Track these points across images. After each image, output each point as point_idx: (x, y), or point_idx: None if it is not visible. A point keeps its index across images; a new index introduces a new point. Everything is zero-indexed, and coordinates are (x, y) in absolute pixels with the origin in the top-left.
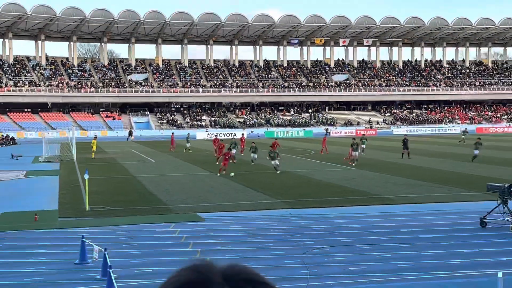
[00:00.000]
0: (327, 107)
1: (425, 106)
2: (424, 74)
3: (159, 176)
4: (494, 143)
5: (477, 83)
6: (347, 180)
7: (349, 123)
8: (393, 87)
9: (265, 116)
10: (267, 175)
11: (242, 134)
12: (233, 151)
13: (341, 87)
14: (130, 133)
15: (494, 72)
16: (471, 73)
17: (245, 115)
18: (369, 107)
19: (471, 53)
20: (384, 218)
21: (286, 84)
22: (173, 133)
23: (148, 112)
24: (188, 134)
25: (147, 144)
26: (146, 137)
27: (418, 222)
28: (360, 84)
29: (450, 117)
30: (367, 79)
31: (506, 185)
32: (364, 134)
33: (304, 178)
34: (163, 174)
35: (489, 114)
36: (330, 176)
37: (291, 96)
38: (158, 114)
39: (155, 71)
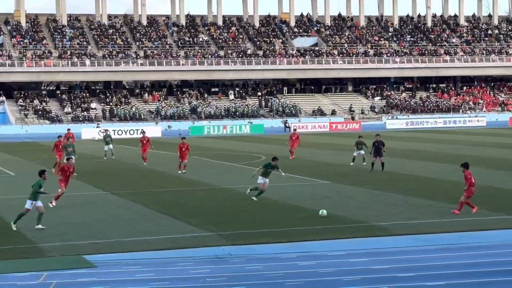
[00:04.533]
0: (285, 88)
1: (434, 85)
2: (432, 36)
3: (22, 199)
4: None
5: (511, 51)
6: (316, 199)
7: (319, 113)
8: (385, 56)
9: (190, 103)
10: (192, 194)
11: (143, 132)
12: (73, 159)
13: (307, 57)
14: None
15: None
16: (501, 35)
17: (159, 101)
18: (350, 88)
19: (502, 5)
20: (372, 257)
21: (221, 53)
22: (68, 129)
23: (3, 98)
24: (106, 130)
25: (1, 147)
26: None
27: (424, 262)
28: (336, 52)
29: (470, 102)
30: (346, 45)
31: None
32: (360, 137)
33: (249, 198)
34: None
35: None
36: (292, 194)
37: (229, 72)
38: (20, 100)
39: (14, 33)
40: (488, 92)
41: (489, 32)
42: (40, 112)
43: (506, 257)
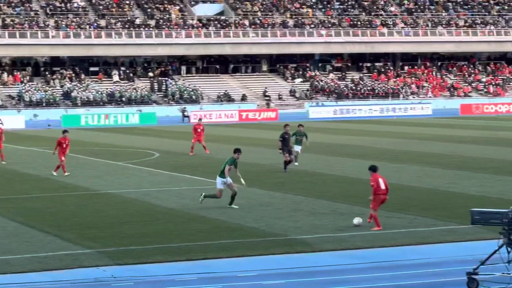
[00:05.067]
0: (183, 68)
1: (368, 64)
2: (366, 4)
3: None
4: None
5: (461, 22)
6: (222, 207)
7: (226, 98)
8: (308, 28)
9: (62, 86)
10: (65, 200)
11: None
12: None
13: (211, 28)
14: None
15: (492, 2)
16: (450, 3)
17: (22, 83)
18: (264, 67)
19: None
20: (292, 278)
21: (102, 23)
22: None
23: None
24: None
25: None
26: None
27: (356, 285)
28: (247, 22)
29: (413, 85)
30: (259, 14)
31: None
32: (301, 126)
33: (138, 206)
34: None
35: (483, 79)
36: (192, 201)
37: (113, 47)
38: None
39: None
40: (434, 73)
41: None
42: None
43: (456, 276)
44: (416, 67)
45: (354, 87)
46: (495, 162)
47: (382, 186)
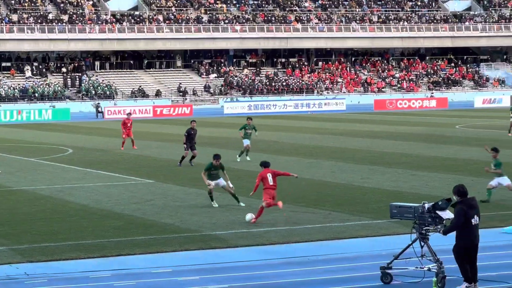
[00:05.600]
0: (97, 63)
1: (283, 60)
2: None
3: None
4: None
5: (375, 18)
6: (137, 203)
7: (140, 94)
8: (223, 24)
9: None
10: None
11: None
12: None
13: (125, 23)
14: None
15: None
16: None
17: None
18: (179, 63)
19: None
20: (207, 274)
21: (14, 17)
22: None
23: None
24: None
25: None
26: None
27: (271, 280)
28: (161, 18)
29: (327, 81)
30: (173, 9)
31: (426, 205)
32: (250, 120)
33: (51, 202)
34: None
35: (397, 75)
36: (106, 197)
37: (25, 42)
38: None
39: None
40: (348, 68)
41: None
42: None
43: (371, 270)
44: (330, 62)
45: (268, 83)
46: (409, 157)
47: (270, 182)
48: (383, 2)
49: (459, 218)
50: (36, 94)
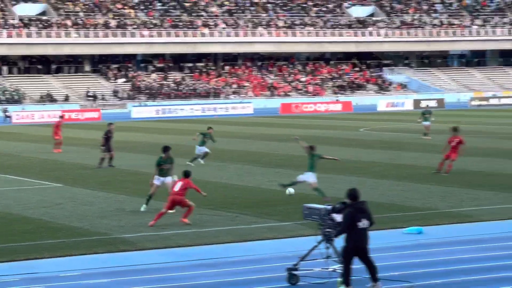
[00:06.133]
0: (5, 68)
1: (190, 64)
2: (188, 5)
3: None
4: (320, 131)
5: (281, 23)
6: (45, 207)
7: (49, 99)
8: (130, 29)
9: None
10: None
11: None
12: None
13: (32, 28)
14: None
15: (310, 3)
16: (269, 4)
17: None
18: (87, 67)
19: None
20: (116, 277)
21: None
22: None
23: None
24: None
25: None
26: None
27: (180, 282)
28: (69, 23)
29: (234, 85)
30: (81, 15)
31: (329, 207)
32: (211, 128)
33: None
34: None
35: (303, 79)
36: (13, 201)
37: None
38: None
39: None
40: (254, 72)
41: (255, 0)
42: None
43: (277, 272)
44: (237, 67)
45: (176, 87)
46: None
47: (176, 188)
48: (288, 7)
49: (346, 221)
50: None
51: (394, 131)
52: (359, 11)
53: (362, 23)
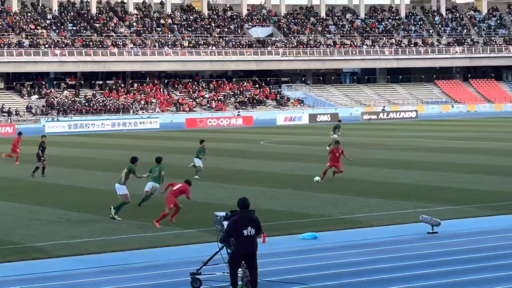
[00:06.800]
0: None
1: (101, 82)
2: (98, 25)
3: None
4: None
5: (186, 43)
6: None
7: None
8: (43, 48)
9: None
10: None
11: None
12: None
13: None
14: None
15: (213, 25)
16: (175, 25)
17: None
18: (1, 85)
19: None
20: (27, 285)
21: None
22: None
23: None
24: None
25: None
26: None
27: (88, 287)
28: None
29: (142, 101)
30: None
31: (228, 214)
32: (204, 141)
33: None
34: None
35: (207, 95)
36: None
37: None
38: None
39: None
40: (161, 90)
41: (162, 21)
42: None
43: (182, 276)
44: (145, 84)
45: (87, 103)
46: (219, 171)
47: (175, 188)
48: (193, 28)
49: (227, 229)
50: None
51: (292, 144)
52: (258, 32)
53: (261, 43)
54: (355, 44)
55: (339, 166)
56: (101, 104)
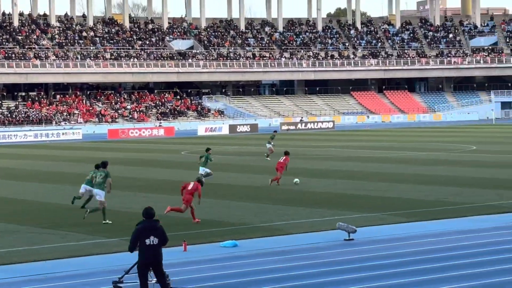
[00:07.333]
0: None
1: (23, 93)
2: (20, 38)
3: None
4: (146, 154)
5: (108, 55)
6: None
7: None
8: None
9: None
10: None
11: None
12: None
13: None
14: None
15: (135, 37)
16: (97, 38)
17: None
18: None
19: (97, 4)
20: None
21: None
22: None
23: None
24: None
25: None
26: None
27: None
28: None
29: (65, 112)
30: None
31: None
32: (209, 150)
33: None
34: None
35: (129, 106)
36: None
37: None
38: None
39: None
40: (84, 101)
41: (84, 34)
42: None
43: (105, 285)
44: (67, 95)
45: (9, 115)
46: (141, 181)
47: (189, 187)
48: (115, 40)
49: (131, 238)
50: None
51: (213, 154)
52: (179, 44)
53: (182, 55)
54: (274, 56)
55: (282, 172)
56: (23, 115)
